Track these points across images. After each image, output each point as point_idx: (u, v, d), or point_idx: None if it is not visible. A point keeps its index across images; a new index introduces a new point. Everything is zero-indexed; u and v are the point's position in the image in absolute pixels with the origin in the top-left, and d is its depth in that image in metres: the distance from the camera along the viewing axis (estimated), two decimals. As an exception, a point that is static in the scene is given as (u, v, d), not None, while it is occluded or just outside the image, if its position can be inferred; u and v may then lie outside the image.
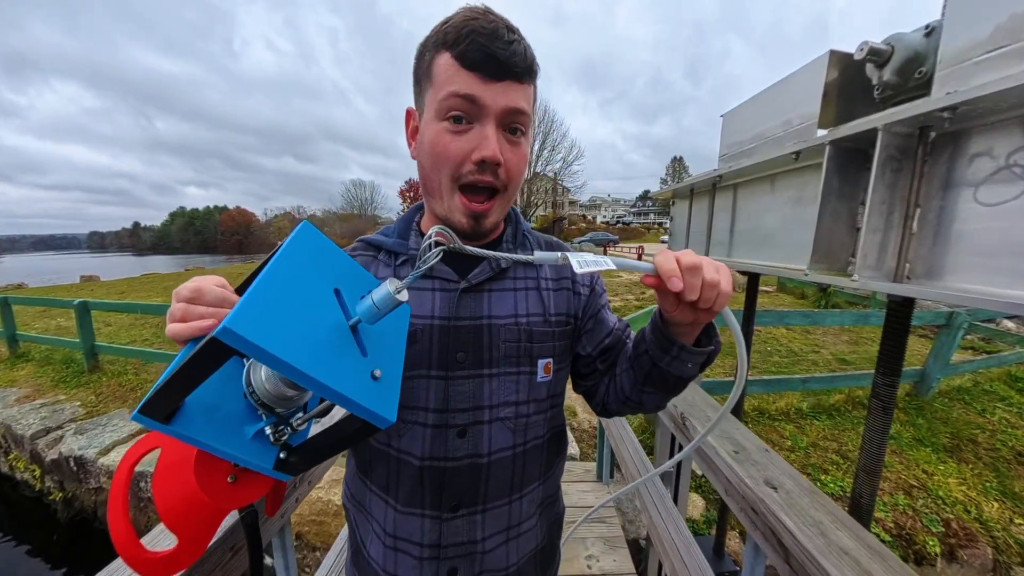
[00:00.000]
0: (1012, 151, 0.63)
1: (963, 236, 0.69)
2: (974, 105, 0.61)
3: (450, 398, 0.53)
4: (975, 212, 0.68)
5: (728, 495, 0.84)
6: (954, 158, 0.70)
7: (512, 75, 0.45)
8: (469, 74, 0.44)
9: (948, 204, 0.71)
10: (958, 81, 0.66)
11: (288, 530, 0.90)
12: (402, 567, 0.55)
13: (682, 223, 1.48)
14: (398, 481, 0.54)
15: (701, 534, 2.18)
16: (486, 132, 0.45)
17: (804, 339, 5.00)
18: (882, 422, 0.94)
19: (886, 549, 0.62)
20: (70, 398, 3.99)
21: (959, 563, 2.22)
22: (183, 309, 0.36)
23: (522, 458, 0.56)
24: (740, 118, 1.20)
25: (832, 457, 2.76)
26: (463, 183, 0.48)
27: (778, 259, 1.01)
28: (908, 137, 0.72)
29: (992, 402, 3.53)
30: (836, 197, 0.82)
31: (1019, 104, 0.59)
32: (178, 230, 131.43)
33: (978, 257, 0.68)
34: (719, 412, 0.47)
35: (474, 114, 0.45)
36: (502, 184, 0.49)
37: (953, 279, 0.71)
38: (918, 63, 0.75)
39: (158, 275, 14.06)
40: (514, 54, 0.44)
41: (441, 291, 0.54)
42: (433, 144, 0.47)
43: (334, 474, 2.70)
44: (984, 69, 0.63)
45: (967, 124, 0.67)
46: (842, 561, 0.60)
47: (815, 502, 0.72)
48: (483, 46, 0.43)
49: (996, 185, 0.65)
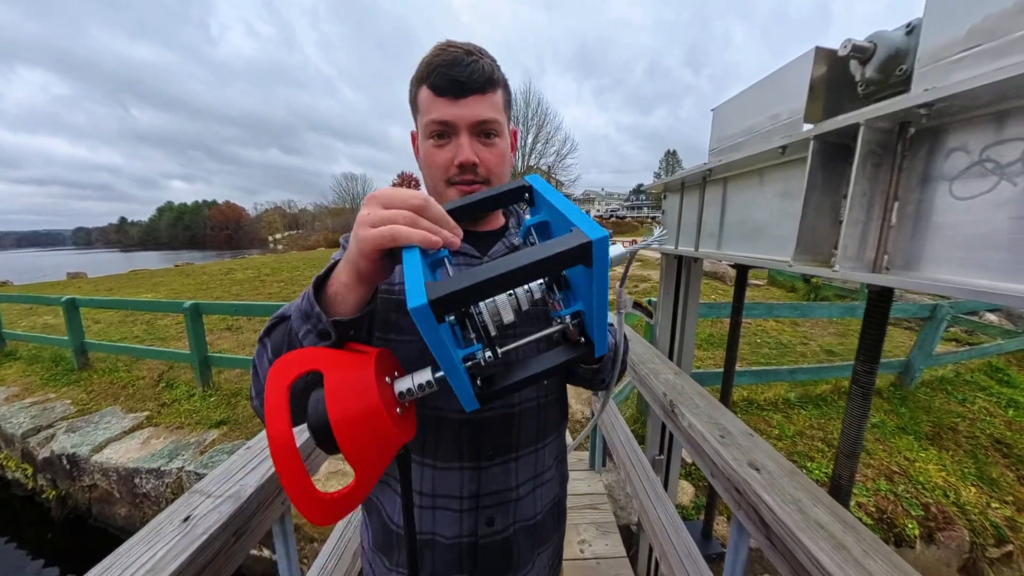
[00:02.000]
0: (985, 146, 0.66)
1: (939, 228, 0.72)
2: (950, 102, 0.63)
3: None
4: (950, 205, 0.71)
5: (714, 477, 0.88)
6: (932, 153, 0.72)
7: (474, 91, 0.55)
8: (441, 100, 0.55)
9: (926, 198, 0.74)
10: (935, 78, 0.68)
11: (288, 518, 0.92)
12: (441, 523, 0.60)
13: (673, 216, 1.50)
14: (437, 440, 0.59)
15: (690, 519, 2.25)
16: (461, 142, 0.56)
17: (793, 331, 5.10)
18: (861, 407, 0.97)
19: (859, 523, 0.66)
20: (60, 396, 3.94)
21: (937, 545, 2.32)
22: (410, 218, 0.37)
23: (544, 409, 0.65)
24: (730, 112, 1.22)
25: (818, 445, 2.85)
26: (453, 183, 0.58)
27: (766, 251, 1.04)
28: (888, 132, 0.75)
29: (973, 392, 3.65)
30: (820, 191, 0.84)
31: (991, 101, 0.62)
32: (166, 225, 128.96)
33: (952, 249, 0.70)
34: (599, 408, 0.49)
35: (450, 131, 0.56)
36: (482, 178, 0.58)
37: (929, 270, 0.73)
38: (899, 60, 0.77)
39: (147, 271, 13.81)
40: (472, 72, 0.54)
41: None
42: (426, 158, 0.59)
43: (331, 466, 2.72)
44: (959, 67, 0.65)
45: (944, 120, 0.69)
46: (818, 535, 0.63)
47: (795, 482, 0.76)
48: (445, 74, 0.54)
49: (970, 179, 0.68)
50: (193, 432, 3.21)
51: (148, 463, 2.91)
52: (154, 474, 2.87)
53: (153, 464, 2.89)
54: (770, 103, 1.02)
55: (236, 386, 3.84)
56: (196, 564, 0.66)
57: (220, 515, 0.73)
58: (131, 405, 3.71)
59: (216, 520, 0.71)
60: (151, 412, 3.56)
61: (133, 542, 0.67)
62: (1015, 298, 0.58)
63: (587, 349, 0.39)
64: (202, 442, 3.07)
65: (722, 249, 1.22)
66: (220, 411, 3.45)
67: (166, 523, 0.72)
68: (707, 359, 4.18)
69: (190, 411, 3.50)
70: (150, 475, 2.88)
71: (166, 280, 10.38)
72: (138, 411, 3.59)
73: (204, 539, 0.68)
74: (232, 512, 0.74)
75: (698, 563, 1.08)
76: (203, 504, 0.76)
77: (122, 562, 0.64)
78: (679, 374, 1.28)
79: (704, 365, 3.97)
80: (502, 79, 0.59)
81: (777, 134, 1.00)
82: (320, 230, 57.68)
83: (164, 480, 2.84)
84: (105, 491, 3.08)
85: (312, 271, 10.13)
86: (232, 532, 0.73)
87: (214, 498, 0.77)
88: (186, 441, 3.10)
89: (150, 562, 0.63)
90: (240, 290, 8.15)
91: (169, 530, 0.70)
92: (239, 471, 0.85)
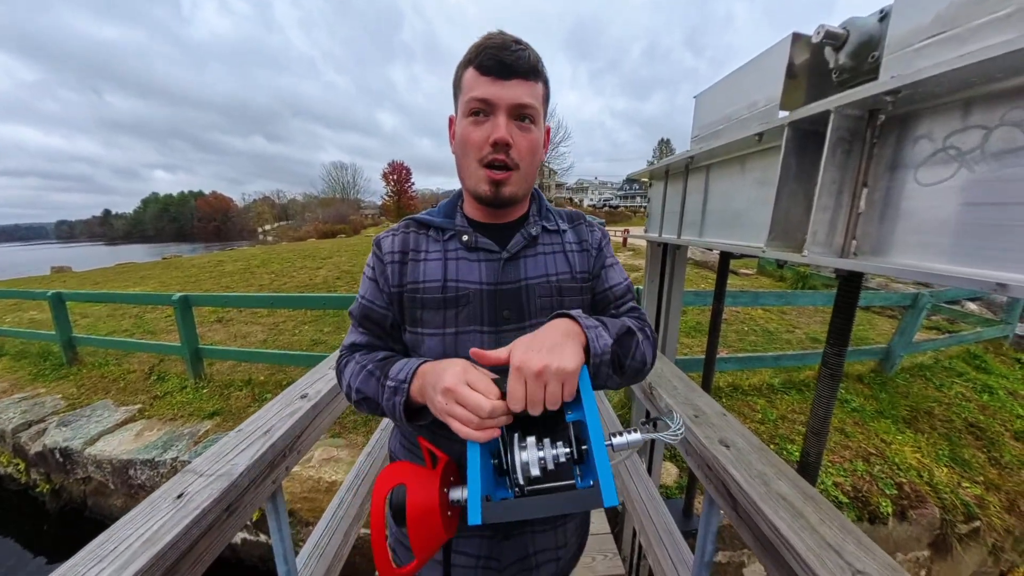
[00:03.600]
0: (948, 134, 0.68)
1: (905, 215, 0.75)
2: (915, 89, 0.65)
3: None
4: (916, 192, 0.73)
5: (688, 454, 0.92)
6: (900, 140, 0.75)
7: (519, 74, 0.57)
8: (485, 79, 0.57)
9: (894, 184, 0.76)
10: (902, 66, 0.70)
11: (280, 496, 0.95)
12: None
13: (657, 204, 1.53)
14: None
15: (673, 498, 2.33)
16: (498, 121, 0.57)
17: (780, 320, 5.21)
18: (830, 388, 1.02)
19: (819, 495, 0.70)
20: (50, 391, 3.90)
21: (909, 522, 2.44)
22: (478, 423, 0.47)
23: (556, 418, 0.69)
24: (711, 99, 1.23)
25: (799, 428, 2.94)
26: (485, 163, 0.60)
27: (743, 238, 1.07)
28: (859, 120, 0.77)
29: (950, 377, 3.78)
30: (794, 178, 0.87)
31: (955, 89, 0.64)
32: (152, 217, 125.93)
33: (917, 235, 0.73)
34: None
35: (488, 110, 0.58)
36: (513, 163, 0.59)
37: (895, 255, 0.76)
38: (872, 47, 0.79)
39: (134, 265, 13.53)
40: (519, 58, 0.56)
41: (486, 261, 0.65)
42: (463, 135, 0.60)
43: (324, 453, 2.76)
44: (924, 55, 0.67)
45: (911, 107, 0.71)
46: (779, 505, 0.67)
47: (762, 458, 0.80)
48: (494, 55, 0.56)
49: (934, 166, 0.70)
50: (187, 423, 3.22)
51: (142, 454, 2.92)
52: (148, 465, 2.88)
53: (147, 455, 2.90)
54: (749, 90, 1.04)
55: (228, 377, 3.84)
56: (190, 536, 0.68)
57: (213, 491, 0.75)
58: (123, 398, 3.69)
59: (209, 496, 0.73)
60: (143, 405, 3.55)
61: (128, 518, 0.69)
62: (965, 280, 0.61)
63: (592, 495, 0.46)
64: (196, 433, 3.08)
65: (704, 236, 1.24)
66: (213, 402, 3.46)
67: (160, 500, 0.74)
68: (694, 346, 4.27)
69: (183, 403, 3.50)
70: (144, 466, 2.89)
71: (154, 273, 10.20)
72: (130, 404, 3.58)
73: (197, 513, 0.70)
74: (225, 488, 0.76)
75: (675, 538, 1.13)
76: (196, 482, 0.78)
77: (118, 536, 0.66)
78: (660, 358, 1.32)
79: (692, 352, 4.05)
80: (545, 74, 0.61)
81: (755, 121, 1.02)
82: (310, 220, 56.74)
83: (159, 471, 2.86)
84: (100, 483, 3.09)
85: (303, 262, 10.01)
86: (224, 507, 0.76)
87: (206, 477, 0.79)
88: (179, 432, 3.11)
89: (146, 534, 0.66)
90: (230, 282, 8.05)
91: (164, 506, 0.72)
92: (231, 451, 0.87)
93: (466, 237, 0.66)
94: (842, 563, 0.55)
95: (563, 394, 0.47)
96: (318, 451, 2.76)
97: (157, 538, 0.65)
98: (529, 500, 0.47)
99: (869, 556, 0.56)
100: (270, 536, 0.97)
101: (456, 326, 0.63)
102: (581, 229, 0.74)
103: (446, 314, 0.63)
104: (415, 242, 0.67)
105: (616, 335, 0.59)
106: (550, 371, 0.46)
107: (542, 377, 0.46)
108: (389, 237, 0.69)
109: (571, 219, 0.75)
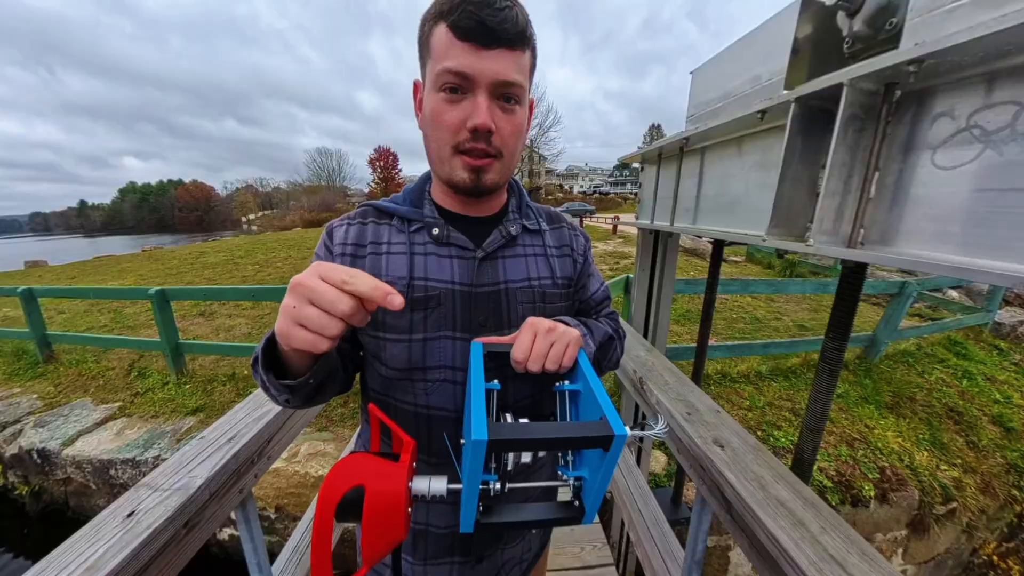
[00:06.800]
0: (973, 111, 0.62)
1: (918, 201, 0.69)
2: (940, 57, 0.58)
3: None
4: (932, 176, 0.67)
5: (679, 453, 0.88)
6: (917, 118, 0.68)
7: (503, 42, 0.46)
8: (461, 44, 0.46)
9: (908, 167, 0.70)
10: (928, 31, 0.63)
11: (251, 503, 0.89)
12: (434, 515, 0.63)
13: (650, 190, 1.45)
14: (429, 437, 0.59)
15: (662, 486, 2.35)
16: (478, 102, 0.48)
17: (768, 307, 5.26)
18: (828, 384, 0.99)
19: (820, 500, 0.67)
20: (26, 391, 3.75)
21: (889, 504, 2.51)
22: (337, 325, 0.38)
23: (539, 407, 0.64)
24: (709, 75, 1.14)
25: (785, 415, 2.99)
26: (461, 150, 0.51)
27: (741, 225, 1.01)
28: (873, 95, 0.70)
29: (931, 364, 3.88)
30: (799, 160, 0.80)
31: (985, 59, 0.57)
32: (131, 208, 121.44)
33: (931, 223, 0.68)
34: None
35: (466, 87, 0.48)
36: (496, 151, 0.51)
37: (905, 245, 0.71)
38: (890, 12, 0.71)
39: (112, 257, 13.06)
40: (505, 20, 0.45)
41: (459, 258, 0.58)
42: (433, 114, 0.50)
43: (311, 448, 2.71)
44: (954, 18, 0.60)
45: (932, 81, 0.65)
46: (778, 512, 0.64)
47: (759, 458, 0.76)
48: (474, 14, 0.45)
49: (954, 148, 0.64)
50: (168, 421, 3.13)
51: (123, 453, 2.83)
52: (130, 464, 2.80)
53: (128, 454, 2.82)
54: (751, 64, 0.96)
55: (211, 372, 3.73)
56: (140, 559, 0.63)
57: (167, 508, 0.69)
58: (102, 396, 3.56)
59: (163, 513, 0.68)
60: (123, 402, 3.43)
61: (69, 543, 0.64)
62: (992, 275, 0.56)
63: (578, 513, 0.43)
64: (178, 430, 2.99)
65: (698, 224, 1.18)
66: (196, 398, 3.36)
67: (108, 520, 0.68)
68: (684, 334, 4.29)
69: (164, 400, 3.39)
70: (126, 465, 2.81)
71: (133, 266, 9.84)
72: (110, 402, 3.46)
73: (148, 533, 0.64)
74: (181, 503, 0.70)
75: (663, 529, 1.11)
76: (149, 498, 0.72)
77: (58, 563, 0.60)
78: (651, 350, 1.27)
79: (681, 340, 4.07)
80: (533, 39, 0.51)
81: (757, 98, 0.94)
82: (296, 209, 55.25)
83: (140, 469, 2.78)
84: (81, 484, 3.00)
85: (288, 252, 9.76)
86: (182, 524, 0.71)
87: (161, 491, 0.73)
88: (161, 430, 3.02)
89: (88, 560, 0.60)
90: (212, 274, 7.80)
91: (112, 527, 0.66)
92: (190, 462, 0.81)
93: (436, 230, 0.58)
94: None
95: (564, 357, 0.47)
96: (304, 446, 2.70)
97: (101, 564, 0.60)
98: (529, 506, 0.44)
99: (875, 571, 0.52)
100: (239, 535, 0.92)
101: (424, 331, 0.56)
102: (563, 232, 0.68)
103: (413, 317, 0.55)
104: (374, 233, 0.59)
105: (600, 343, 0.60)
106: (559, 331, 0.48)
107: (552, 334, 0.47)
108: (344, 226, 0.60)
109: (551, 219, 0.69)
